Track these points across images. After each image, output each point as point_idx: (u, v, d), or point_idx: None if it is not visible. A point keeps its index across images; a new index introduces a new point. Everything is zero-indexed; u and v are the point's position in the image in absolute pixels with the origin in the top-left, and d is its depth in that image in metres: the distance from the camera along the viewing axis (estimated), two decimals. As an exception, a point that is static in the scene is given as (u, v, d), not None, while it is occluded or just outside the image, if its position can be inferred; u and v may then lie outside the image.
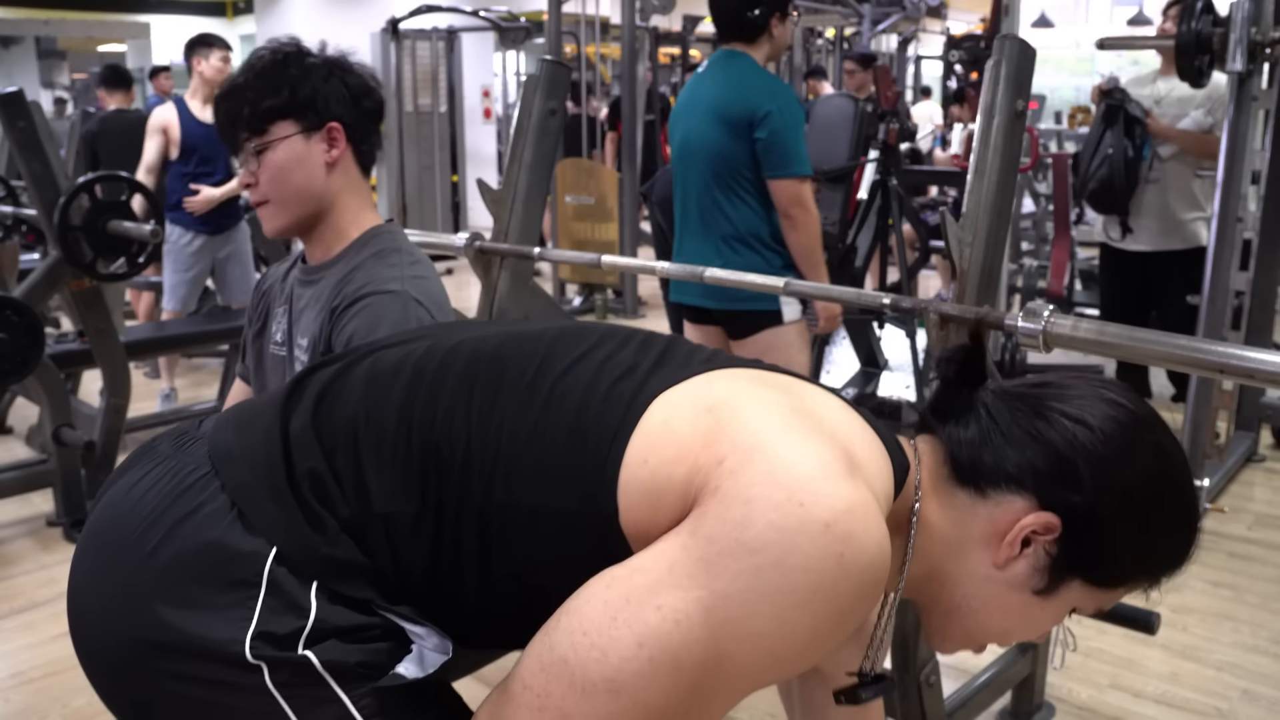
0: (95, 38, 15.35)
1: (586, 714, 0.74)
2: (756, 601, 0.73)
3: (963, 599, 0.92)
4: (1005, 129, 1.75)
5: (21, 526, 3.39)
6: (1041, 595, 0.90)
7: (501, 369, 0.89)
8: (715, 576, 0.73)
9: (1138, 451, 0.88)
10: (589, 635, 0.75)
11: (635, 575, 0.76)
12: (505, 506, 0.84)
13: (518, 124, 2.39)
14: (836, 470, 0.76)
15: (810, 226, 2.73)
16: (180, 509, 0.88)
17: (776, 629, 0.74)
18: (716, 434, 0.79)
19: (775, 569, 0.72)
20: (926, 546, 0.91)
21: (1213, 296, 3.16)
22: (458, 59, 8.85)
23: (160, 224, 3.45)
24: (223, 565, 0.85)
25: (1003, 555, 0.88)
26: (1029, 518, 0.87)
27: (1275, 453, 4.01)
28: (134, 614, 0.86)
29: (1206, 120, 3.75)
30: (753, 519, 0.73)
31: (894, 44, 10.74)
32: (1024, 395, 0.91)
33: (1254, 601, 2.85)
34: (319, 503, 0.86)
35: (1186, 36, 3.10)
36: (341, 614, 0.84)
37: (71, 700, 2.41)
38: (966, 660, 2.47)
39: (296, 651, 0.82)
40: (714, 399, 0.83)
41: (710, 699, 0.77)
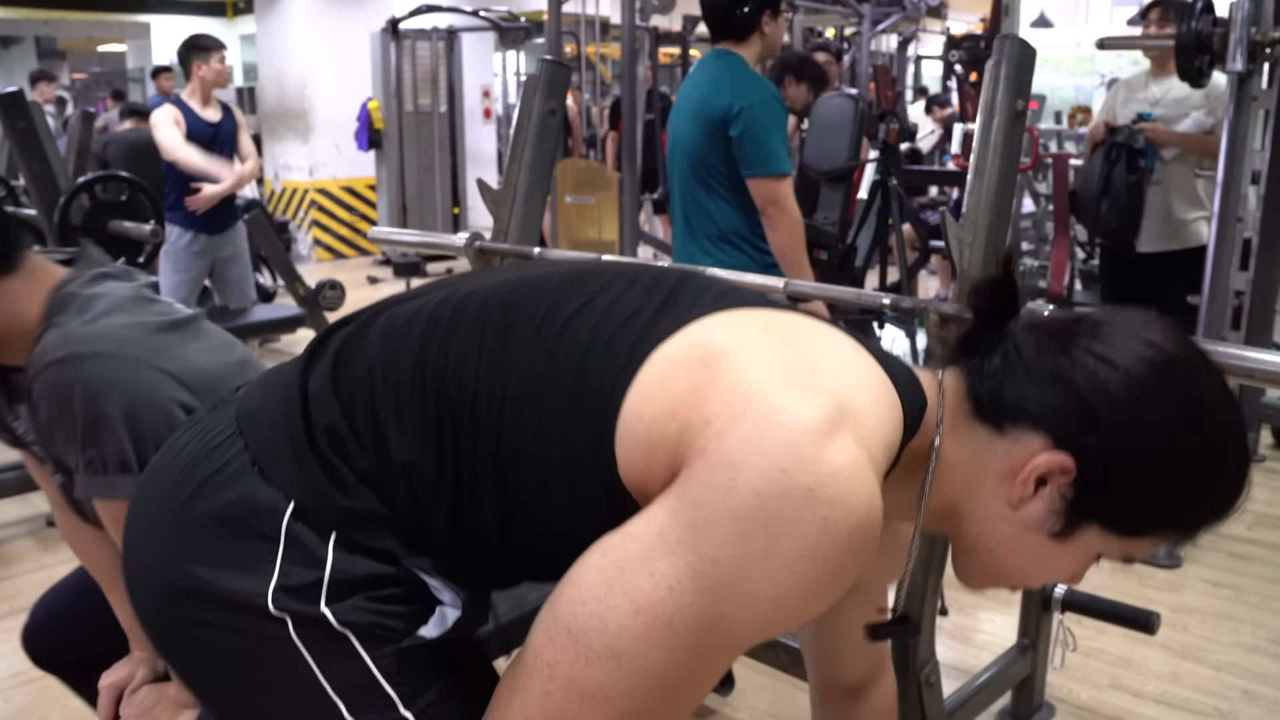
0: (95, 38, 15.35)
1: (591, 680, 0.76)
2: (745, 566, 0.74)
3: (979, 537, 0.90)
4: (1005, 129, 1.75)
5: (21, 526, 3.39)
6: (1058, 539, 0.87)
7: (510, 315, 0.90)
8: (703, 541, 0.74)
9: (1167, 394, 0.83)
10: (588, 605, 0.76)
11: (628, 543, 0.77)
12: (514, 454, 0.85)
13: (518, 124, 2.39)
14: (824, 431, 0.75)
15: (788, 226, 2.64)
16: (208, 467, 0.91)
17: (767, 591, 0.74)
18: (708, 391, 0.78)
19: (760, 534, 0.73)
20: (944, 482, 0.89)
21: (1213, 296, 3.17)
22: (458, 59, 8.84)
23: (160, 223, 3.45)
24: (245, 520, 0.88)
25: (1016, 495, 0.86)
26: (1041, 457, 0.84)
27: (1275, 453, 4.02)
28: (168, 566, 0.91)
29: (1207, 121, 3.74)
30: (737, 484, 0.73)
31: (894, 44, 10.73)
32: (1055, 330, 0.88)
33: (1254, 601, 2.85)
34: (337, 457, 0.88)
35: (1186, 36, 3.10)
36: (360, 564, 0.87)
37: (71, 700, 2.40)
38: (966, 660, 2.47)
39: (317, 607, 0.85)
40: (711, 349, 0.81)
41: (711, 658, 0.78)
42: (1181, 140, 3.79)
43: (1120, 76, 4.88)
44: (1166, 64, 3.75)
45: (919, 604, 1.78)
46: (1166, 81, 3.80)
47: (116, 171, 4.25)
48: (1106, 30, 10.40)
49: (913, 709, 1.81)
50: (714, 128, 2.66)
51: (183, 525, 0.91)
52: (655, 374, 0.82)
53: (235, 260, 4.67)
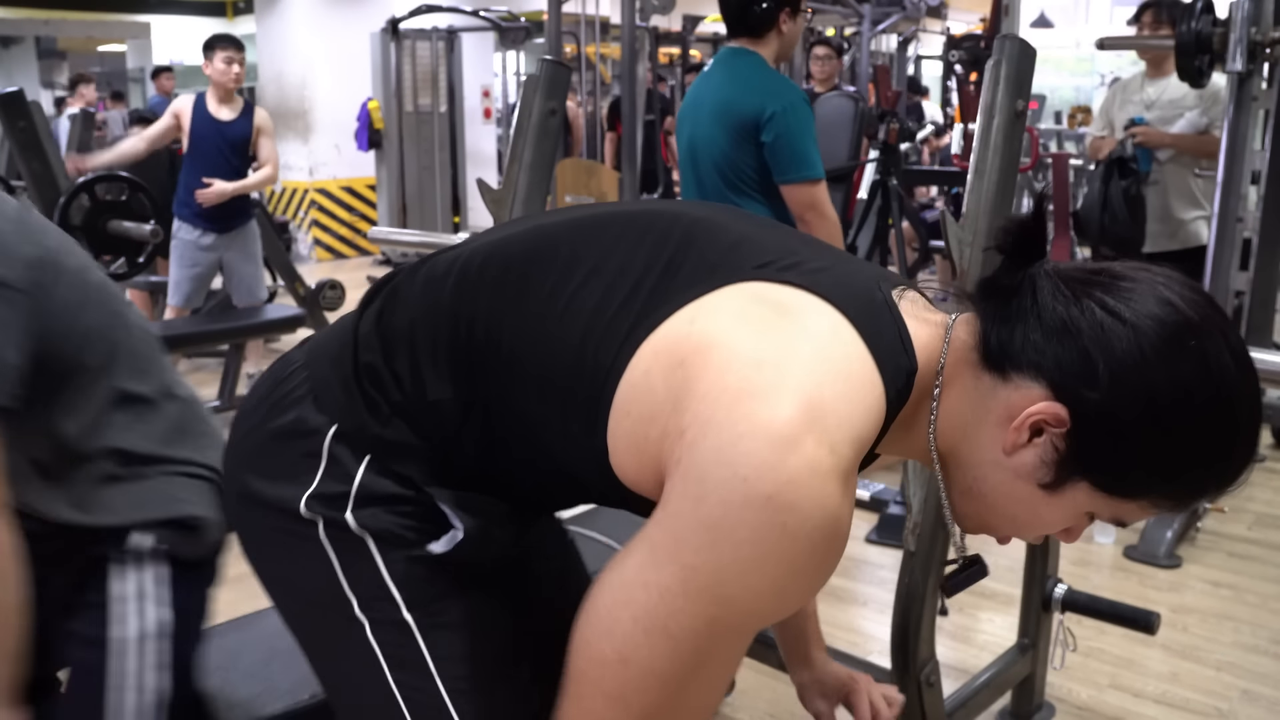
0: (95, 38, 15.34)
1: (611, 683, 0.85)
2: (720, 570, 0.79)
3: (973, 481, 0.91)
4: (1005, 129, 1.76)
5: (21, 526, 3.39)
6: (1047, 490, 0.86)
7: (528, 274, 0.96)
8: (683, 551, 0.80)
9: (1174, 356, 0.80)
10: (601, 620, 0.86)
11: (629, 558, 0.85)
12: (525, 408, 0.95)
13: (518, 124, 2.39)
14: (786, 438, 0.77)
15: (827, 231, 2.63)
16: (278, 393, 1.05)
17: (743, 592, 0.80)
18: (683, 398, 0.82)
19: (728, 541, 0.78)
20: (946, 427, 0.90)
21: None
22: (458, 59, 8.84)
23: (160, 223, 3.45)
24: (296, 439, 1.01)
25: (1009, 441, 0.85)
26: (1038, 406, 0.83)
27: (1275, 453, 4.01)
28: (233, 474, 1.08)
29: (1201, 121, 3.74)
30: (705, 496, 0.79)
31: (894, 44, 10.73)
32: (1074, 279, 0.85)
33: (1254, 601, 2.85)
34: (375, 389, 0.99)
35: (1187, 37, 3.10)
36: (384, 485, 0.98)
37: (71, 700, 2.40)
38: (966, 660, 2.47)
39: (342, 514, 0.98)
40: (690, 346, 0.84)
41: (713, 655, 0.85)
42: (1175, 141, 3.79)
43: (1121, 76, 4.88)
44: (1162, 65, 3.75)
45: (920, 604, 1.78)
46: (1162, 82, 3.80)
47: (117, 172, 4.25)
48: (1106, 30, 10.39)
49: (913, 709, 1.81)
50: (744, 132, 2.61)
51: (248, 441, 1.07)
52: (641, 371, 0.86)
53: (246, 259, 4.66)
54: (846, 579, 2.96)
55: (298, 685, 1.38)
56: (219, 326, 4.59)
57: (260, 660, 1.45)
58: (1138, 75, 4.01)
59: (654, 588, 0.82)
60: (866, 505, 3.37)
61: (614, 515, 2.05)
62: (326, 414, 1.00)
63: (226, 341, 4.66)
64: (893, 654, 1.80)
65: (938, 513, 1.76)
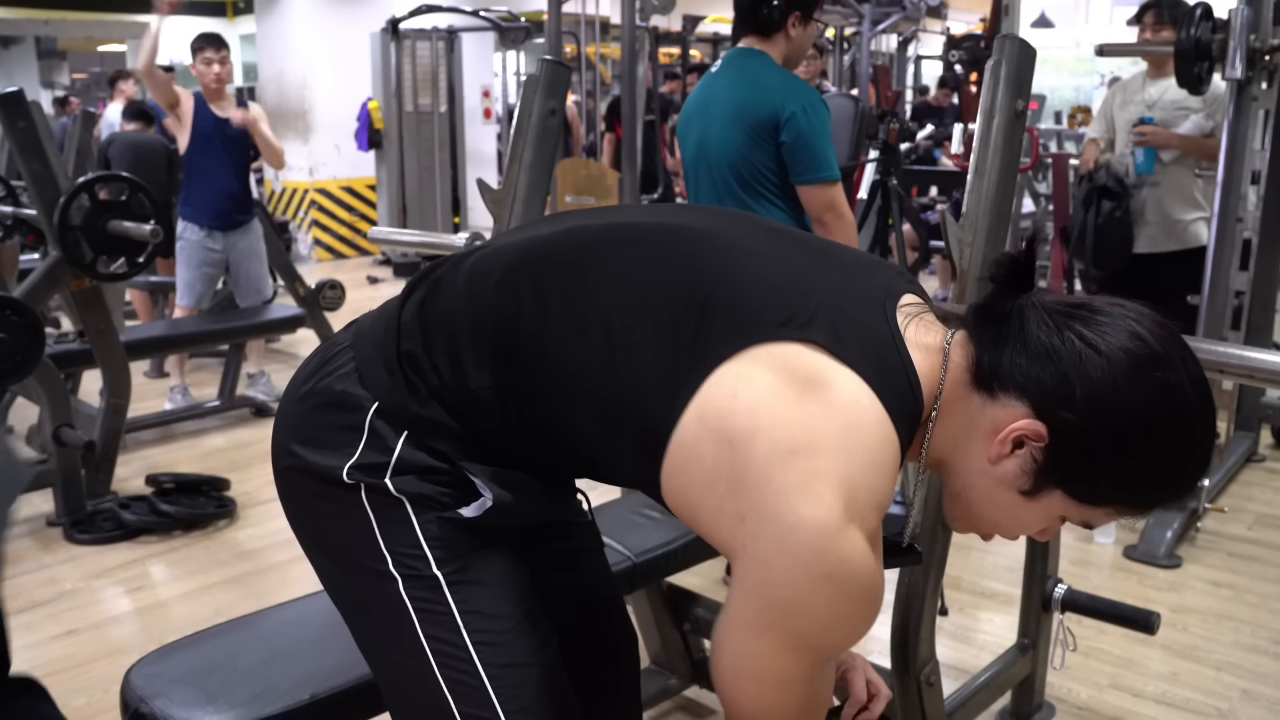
0: (95, 38, 15.33)
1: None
2: (802, 632, 0.96)
3: (961, 487, 1.04)
4: (1005, 129, 1.76)
5: (21, 526, 3.39)
6: (1026, 496, 0.99)
7: (570, 286, 1.06)
8: (772, 622, 0.96)
9: (1140, 384, 0.92)
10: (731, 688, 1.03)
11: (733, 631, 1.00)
12: (566, 416, 1.05)
13: (517, 124, 2.38)
14: (832, 526, 0.91)
15: (844, 231, 2.61)
16: (324, 370, 1.14)
17: (825, 637, 0.98)
18: (736, 483, 0.94)
19: (804, 613, 0.95)
20: (940, 441, 1.03)
21: (1213, 296, 3.17)
22: (458, 59, 8.84)
23: (160, 223, 3.44)
24: (341, 412, 1.10)
25: (994, 451, 0.98)
26: (1021, 422, 0.95)
27: (1275, 453, 4.02)
28: (280, 442, 1.16)
29: (1207, 124, 3.73)
30: (775, 581, 0.94)
31: (894, 44, 10.73)
32: (1057, 311, 0.97)
33: (1254, 601, 2.85)
34: (414, 374, 1.08)
35: (1186, 43, 3.09)
36: (420, 458, 1.08)
37: (71, 700, 2.41)
38: (966, 660, 2.47)
39: (382, 479, 1.08)
40: (736, 428, 0.94)
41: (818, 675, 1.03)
42: (1183, 143, 3.78)
43: (1120, 76, 4.87)
44: (1164, 65, 3.74)
45: (920, 604, 1.78)
46: (1163, 83, 3.79)
47: (117, 172, 4.25)
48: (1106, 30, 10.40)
49: (913, 709, 1.81)
50: (761, 132, 2.59)
51: (295, 410, 1.15)
52: (690, 437, 0.97)
53: (252, 256, 4.66)
54: (846, 579, 2.95)
55: (298, 685, 1.39)
56: (219, 326, 4.59)
57: (260, 660, 1.45)
58: (1139, 75, 4.00)
59: (761, 655, 0.98)
60: (866, 505, 3.36)
61: (615, 515, 2.05)
62: (369, 391, 1.09)
63: (226, 341, 4.66)
64: (893, 654, 1.80)
65: (938, 513, 1.76)
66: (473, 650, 1.08)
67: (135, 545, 3.27)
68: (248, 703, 1.36)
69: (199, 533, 3.36)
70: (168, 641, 1.53)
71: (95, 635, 2.73)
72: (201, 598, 2.92)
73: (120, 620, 2.84)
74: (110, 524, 3.33)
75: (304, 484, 1.14)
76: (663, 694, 2.30)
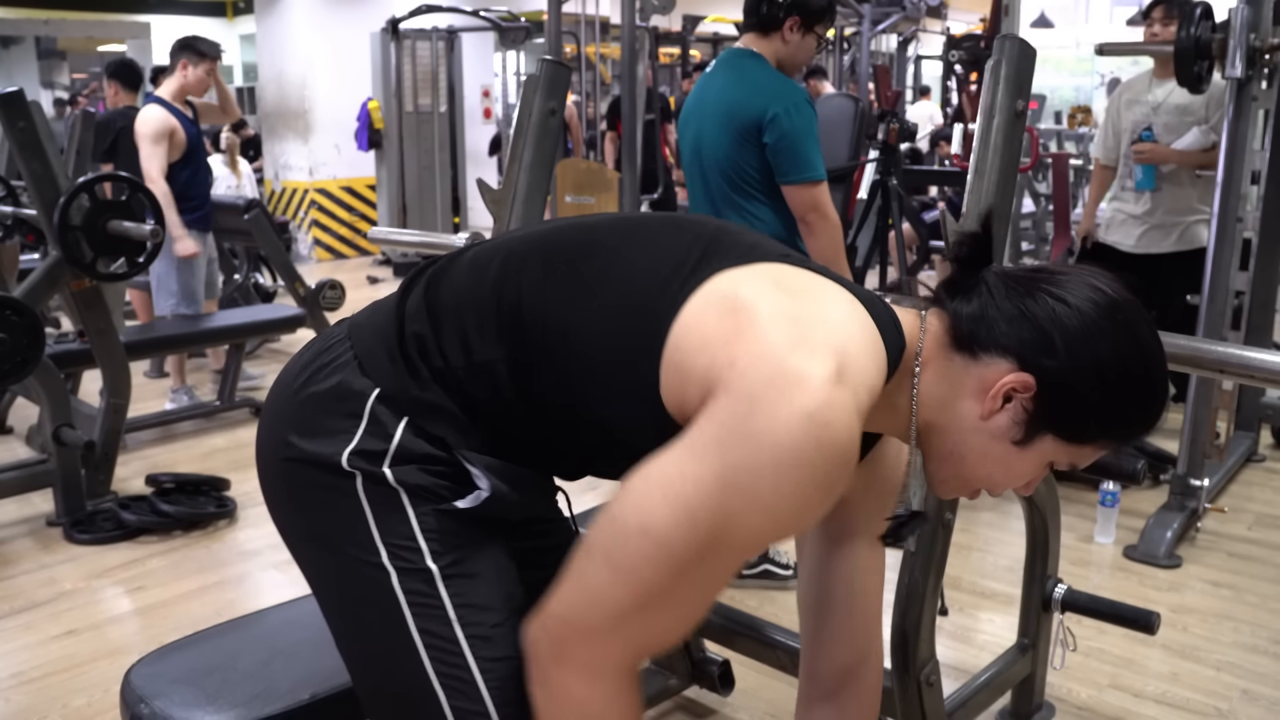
0: (95, 38, 15.33)
1: (624, 554, 0.96)
2: (755, 470, 0.92)
3: (953, 446, 1.09)
4: (1005, 129, 1.75)
5: (21, 526, 3.39)
6: (1019, 446, 1.05)
7: (574, 261, 1.11)
8: (726, 451, 0.93)
9: (1110, 329, 1.02)
10: (633, 496, 0.97)
11: (669, 453, 0.96)
12: (574, 372, 1.06)
13: (517, 124, 2.38)
14: (823, 376, 0.93)
15: (830, 232, 2.63)
16: (320, 361, 1.15)
17: (770, 492, 0.92)
18: (734, 340, 0.96)
19: (770, 448, 0.92)
20: (926, 402, 1.08)
21: (1213, 296, 3.17)
22: (458, 59, 8.84)
23: (160, 223, 3.45)
24: (340, 400, 1.11)
25: (986, 408, 1.04)
26: (1009, 376, 1.03)
27: (1275, 453, 4.02)
28: (274, 435, 1.15)
29: (1208, 139, 3.71)
30: (754, 409, 0.92)
31: (894, 44, 10.73)
32: (1021, 278, 1.07)
33: (1254, 601, 2.85)
34: (419, 357, 1.10)
35: (1186, 42, 3.09)
36: (420, 445, 1.08)
37: (71, 700, 2.41)
38: (966, 660, 2.47)
39: (380, 468, 1.08)
40: (738, 302, 1.00)
41: (720, 552, 0.95)
42: (1181, 159, 3.78)
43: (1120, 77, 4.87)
44: (1170, 64, 3.74)
45: (920, 604, 1.78)
46: (1169, 83, 3.78)
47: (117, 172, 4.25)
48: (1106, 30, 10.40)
49: (913, 709, 1.81)
50: (746, 133, 2.61)
51: (290, 403, 1.15)
52: (692, 314, 1.01)
53: (213, 252, 4.82)
54: (846, 579, 2.95)
55: (298, 685, 1.39)
56: (219, 326, 4.60)
57: (260, 660, 1.45)
58: (1144, 74, 3.99)
59: (690, 476, 0.93)
60: (866, 505, 3.37)
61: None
62: (371, 378, 1.10)
63: (226, 341, 4.66)
64: (893, 654, 1.80)
65: (938, 513, 1.76)
66: (465, 644, 1.08)
67: (135, 545, 3.27)
68: (248, 703, 1.36)
69: (199, 533, 3.36)
70: (168, 641, 1.53)
71: (95, 635, 2.73)
72: (201, 598, 2.92)
73: (120, 620, 2.84)
74: (110, 524, 3.33)
75: (301, 474, 1.13)
76: (663, 694, 2.30)
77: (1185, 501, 3.19)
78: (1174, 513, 3.17)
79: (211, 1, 12.92)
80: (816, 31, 2.70)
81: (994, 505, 3.46)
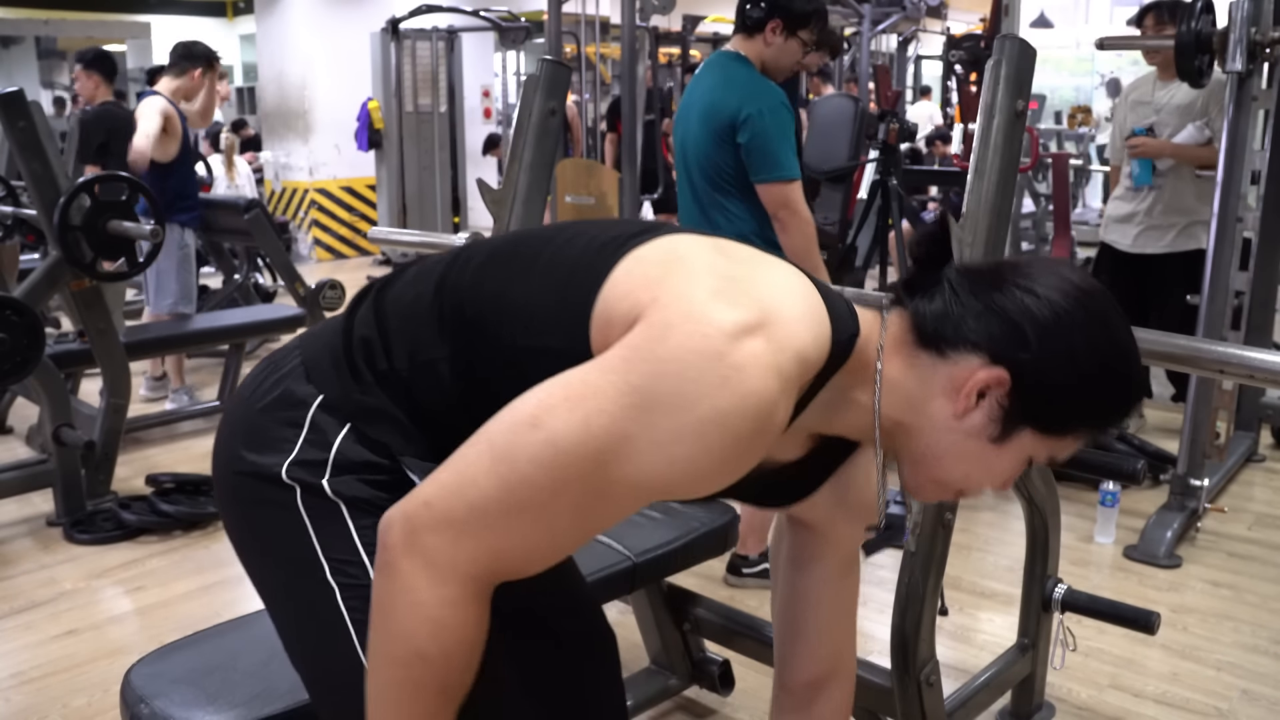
0: (95, 38, 15.31)
1: (508, 441, 0.92)
2: (656, 398, 0.89)
3: (926, 448, 1.05)
4: (1005, 129, 1.76)
5: (21, 526, 3.39)
6: (997, 443, 1.03)
7: (517, 248, 1.12)
8: (630, 370, 0.91)
9: (1083, 318, 1.00)
10: (536, 394, 0.93)
11: (581, 367, 0.94)
12: (516, 347, 1.03)
13: (517, 124, 2.38)
14: (746, 324, 0.91)
15: (800, 229, 2.68)
16: (270, 372, 1.14)
17: (668, 427, 0.89)
18: (660, 282, 0.96)
19: (675, 376, 0.90)
20: (892, 403, 1.04)
21: (1213, 296, 3.17)
22: (458, 59, 8.84)
23: (160, 224, 3.45)
24: (284, 409, 1.09)
25: (960, 406, 1.01)
26: (981, 373, 1.00)
27: (1275, 453, 4.02)
28: (226, 447, 1.14)
29: (1203, 135, 3.73)
30: (666, 337, 0.91)
31: (894, 44, 10.73)
32: (985, 272, 1.05)
33: (1254, 601, 2.85)
34: (364, 362, 1.08)
35: (1186, 36, 3.10)
36: (360, 453, 1.06)
37: (71, 700, 2.41)
38: (966, 660, 2.47)
39: (320, 480, 1.05)
40: (673, 255, 1.00)
41: (605, 478, 0.91)
42: (1175, 152, 3.79)
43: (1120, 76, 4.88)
44: (1171, 67, 3.74)
45: (919, 604, 1.78)
46: (1172, 86, 3.79)
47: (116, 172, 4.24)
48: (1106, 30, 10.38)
49: (913, 709, 1.81)
50: (723, 133, 2.67)
51: (242, 414, 1.14)
52: (623, 270, 1.00)
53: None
54: (846, 579, 2.95)
55: (298, 685, 1.38)
56: (219, 326, 4.60)
57: (260, 660, 1.45)
58: (1148, 77, 4.00)
59: (592, 385, 0.91)
60: (866, 505, 3.37)
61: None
62: (314, 384, 1.09)
63: (226, 341, 4.66)
64: (893, 654, 1.80)
65: (938, 513, 1.76)
66: None
67: (135, 545, 3.27)
68: (248, 703, 1.36)
69: (199, 533, 3.36)
70: (168, 641, 1.53)
71: (95, 635, 2.73)
72: (201, 598, 2.92)
73: (120, 620, 2.84)
74: (110, 524, 3.33)
75: (247, 488, 1.10)
76: (663, 694, 2.30)
77: (1185, 501, 3.19)
78: (1174, 513, 3.17)
79: (211, 1, 12.92)
80: (801, 36, 2.73)
81: (994, 505, 3.46)
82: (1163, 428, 4.17)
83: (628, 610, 2.39)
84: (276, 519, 1.08)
